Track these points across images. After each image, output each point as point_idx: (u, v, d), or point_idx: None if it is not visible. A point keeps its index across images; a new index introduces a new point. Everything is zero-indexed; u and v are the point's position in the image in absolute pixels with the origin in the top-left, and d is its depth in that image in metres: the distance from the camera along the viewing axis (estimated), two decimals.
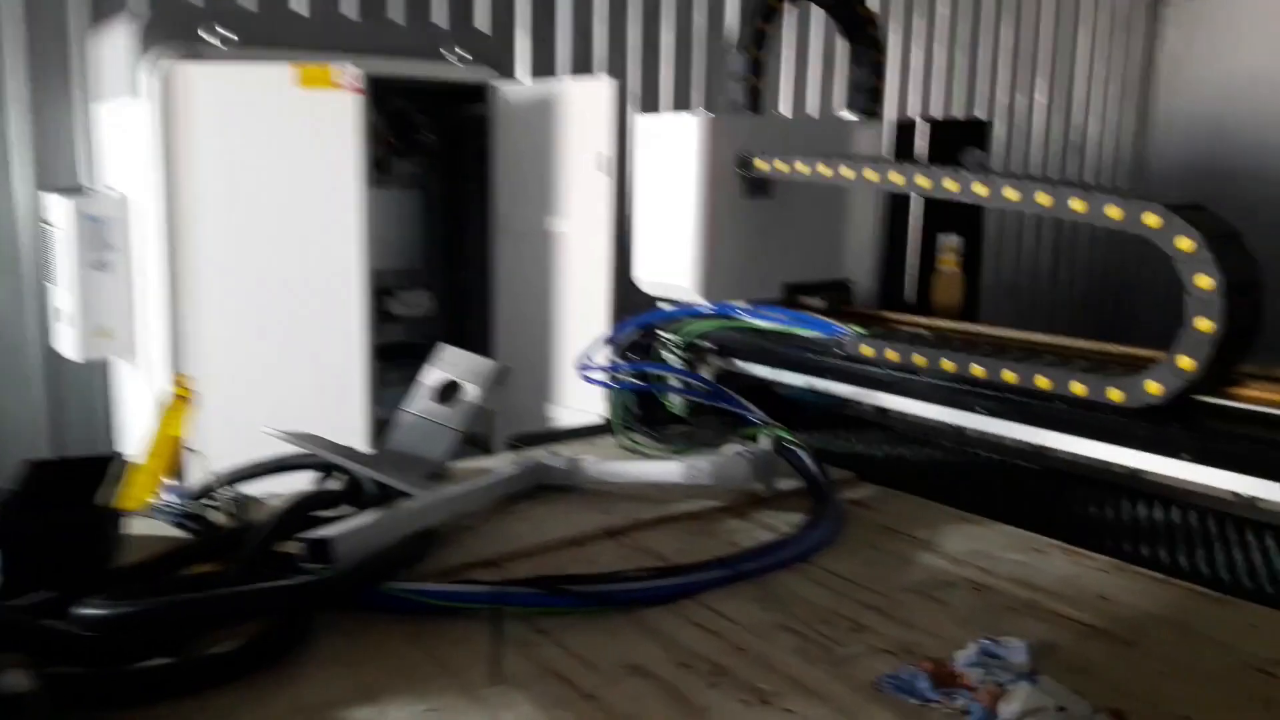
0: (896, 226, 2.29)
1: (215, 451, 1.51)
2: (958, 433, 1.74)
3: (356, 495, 1.61)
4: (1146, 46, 6.48)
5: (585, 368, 2.07)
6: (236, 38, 2.48)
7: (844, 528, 1.59)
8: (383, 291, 3.17)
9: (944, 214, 2.28)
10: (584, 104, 2.67)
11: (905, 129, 2.22)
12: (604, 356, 2.12)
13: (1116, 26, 6.34)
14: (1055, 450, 1.57)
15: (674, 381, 2.02)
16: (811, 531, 1.52)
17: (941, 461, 1.84)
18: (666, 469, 1.73)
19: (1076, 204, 1.48)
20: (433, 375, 1.85)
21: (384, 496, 1.58)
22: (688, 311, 2.22)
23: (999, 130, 5.81)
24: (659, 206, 2.12)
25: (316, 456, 1.68)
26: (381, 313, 3.19)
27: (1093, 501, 1.58)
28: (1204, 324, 1.33)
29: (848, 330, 1.95)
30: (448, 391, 1.87)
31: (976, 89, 5.73)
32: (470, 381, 1.86)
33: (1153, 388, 1.40)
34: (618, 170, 2.58)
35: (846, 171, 1.85)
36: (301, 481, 1.62)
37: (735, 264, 2.13)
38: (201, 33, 2.47)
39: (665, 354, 2.14)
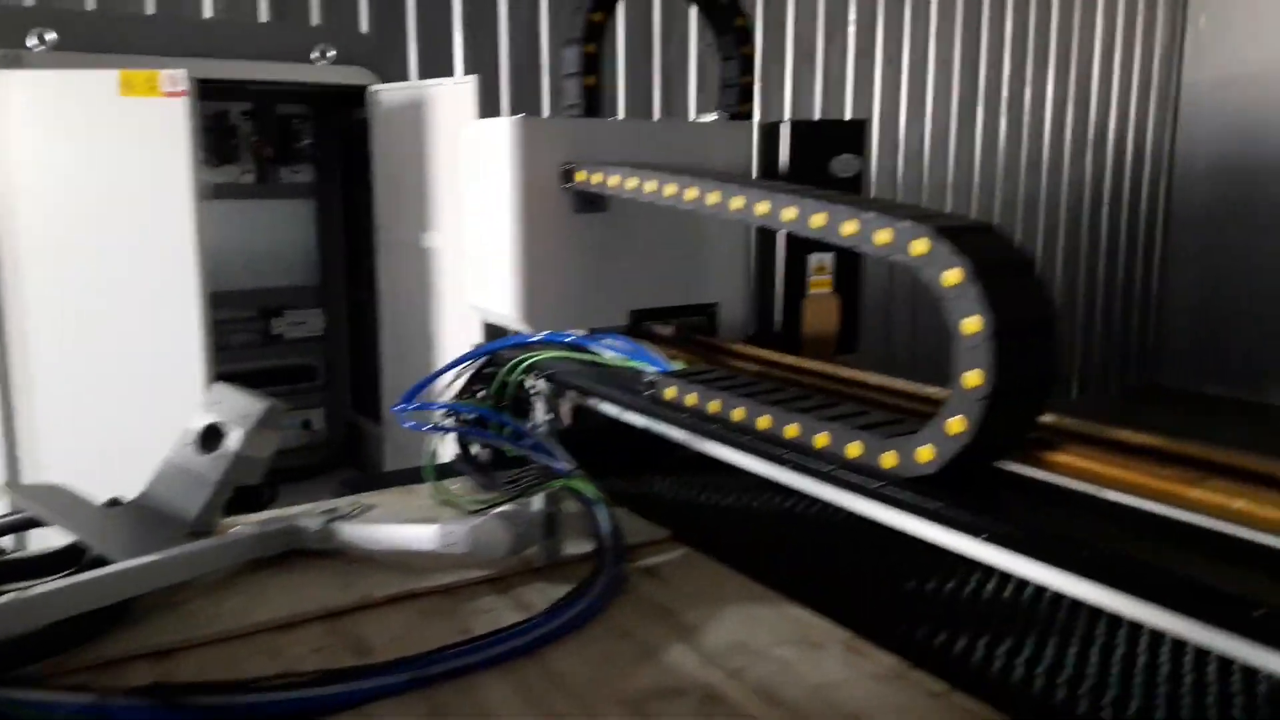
0: (767, 245, 2.06)
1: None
2: (775, 489, 1.52)
3: (76, 559, 1.45)
4: (1172, 34, 6.08)
5: (402, 409, 1.88)
6: (63, 41, 2.34)
7: (605, 607, 1.38)
8: (269, 312, 3.03)
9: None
10: (449, 108, 2.48)
11: (771, 132, 1.99)
12: (441, 394, 1.94)
13: (1139, 11, 5.95)
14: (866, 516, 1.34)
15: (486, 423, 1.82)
16: (550, 618, 1.31)
17: (758, 522, 1.61)
18: (420, 535, 1.53)
19: (847, 227, 1.25)
20: (196, 418, 1.68)
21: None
22: (521, 340, 2.02)
23: (1001, 125, 5.49)
24: (482, 222, 1.93)
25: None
26: (267, 335, 3.05)
27: (903, 578, 1.34)
28: (971, 377, 1.09)
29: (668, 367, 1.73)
30: (209, 437, 1.70)
31: (980, 80, 5.41)
32: (236, 425, 1.69)
33: (924, 454, 1.16)
34: None
35: (643, 184, 1.63)
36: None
37: (565, 288, 1.92)
38: (30, 38, 2.34)
39: (496, 390, 1.94)
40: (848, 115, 5.01)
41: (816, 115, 4.92)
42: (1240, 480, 1.09)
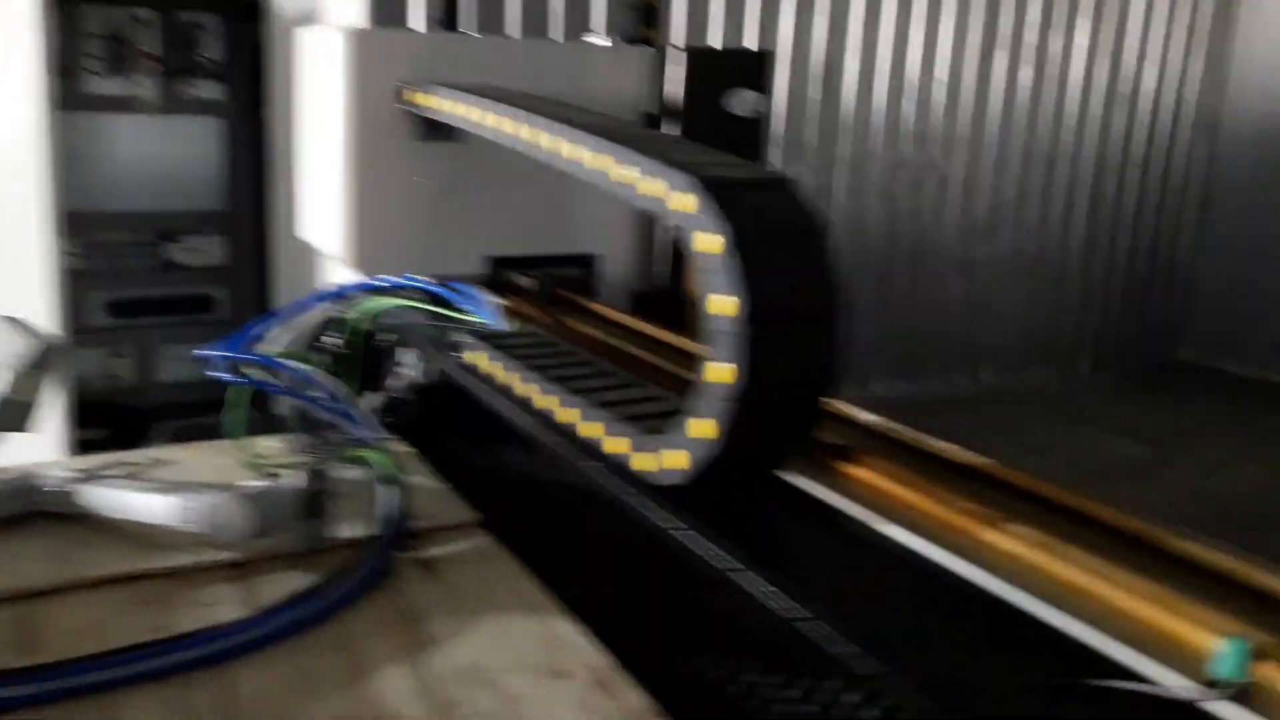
0: None
1: None
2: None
3: None
4: None
5: (204, 356, 1.67)
6: None
7: (340, 610, 1.19)
8: (164, 237, 2.83)
9: None
10: (339, 18, 2.23)
11: (663, 61, 1.73)
12: (276, 339, 1.72)
13: None
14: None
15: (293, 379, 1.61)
16: (252, 624, 1.11)
17: (563, 512, 1.39)
18: (159, 506, 1.33)
19: (620, 173, 1.00)
20: None
21: None
22: (365, 286, 1.80)
23: (1023, 77, 5.10)
24: (314, 146, 1.69)
25: None
26: (164, 261, 2.85)
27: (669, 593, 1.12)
28: (719, 371, 0.85)
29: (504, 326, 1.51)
30: None
31: (1001, 24, 5.02)
32: (3, 366, 1.49)
33: (675, 459, 0.92)
34: None
35: (464, 109, 1.38)
36: None
37: (406, 227, 1.69)
38: None
39: (326, 339, 1.73)
40: (853, 59, 4.67)
41: (818, 57, 4.59)
42: (1059, 521, 0.85)
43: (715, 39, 4.31)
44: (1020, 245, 5.43)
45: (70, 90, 2.60)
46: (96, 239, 2.72)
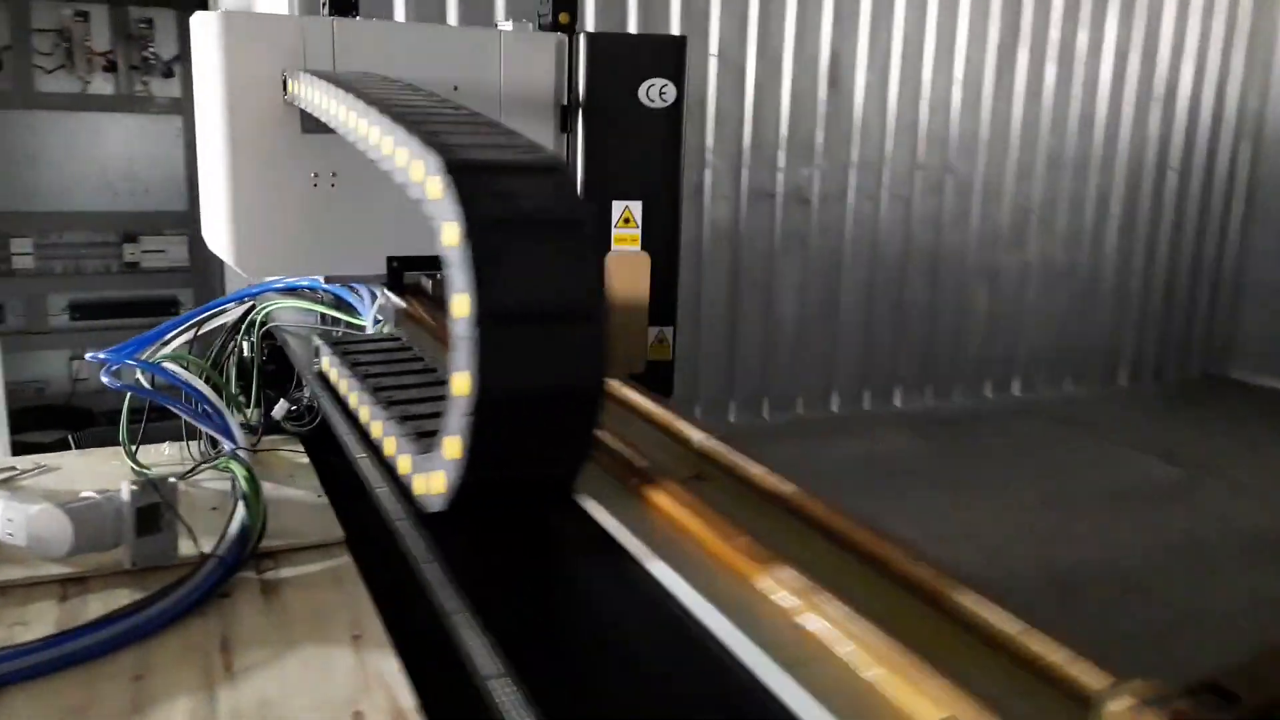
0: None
1: None
2: None
3: None
4: None
5: (95, 359, 1.60)
6: None
7: (145, 636, 1.11)
8: (126, 238, 2.79)
9: (620, 169, 1.67)
10: (263, 4, 2.16)
11: (572, 49, 1.62)
12: (178, 343, 1.65)
13: None
14: None
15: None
16: (28, 651, 1.02)
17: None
18: None
19: (388, 147, 0.89)
20: None
21: None
22: (271, 288, 1.73)
23: (1048, 76, 4.90)
24: (205, 141, 1.61)
25: None
26: (124, 263, 2.81)
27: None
28: (459, 381, 0.74)
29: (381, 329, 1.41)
30: None
31: (1023, 20, 4.82)
32: None
33: (436, 482, 0.81)
34: None
35: (320, 99, 1.28)
36: None
37: (293, 226, 1.60)
38: None
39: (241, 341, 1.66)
40: (863, 56, 4.51)
41: (824, 54, 4.44)
42: (841, 562, 0.73)
43: (713, 35, 4.19)
44: (1049, 253, 5.21)
45: (23, 88, 2.56)
46: (55, 239, 2.69)
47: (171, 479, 1.26)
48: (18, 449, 2.47)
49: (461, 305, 0.73)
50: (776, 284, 4.60)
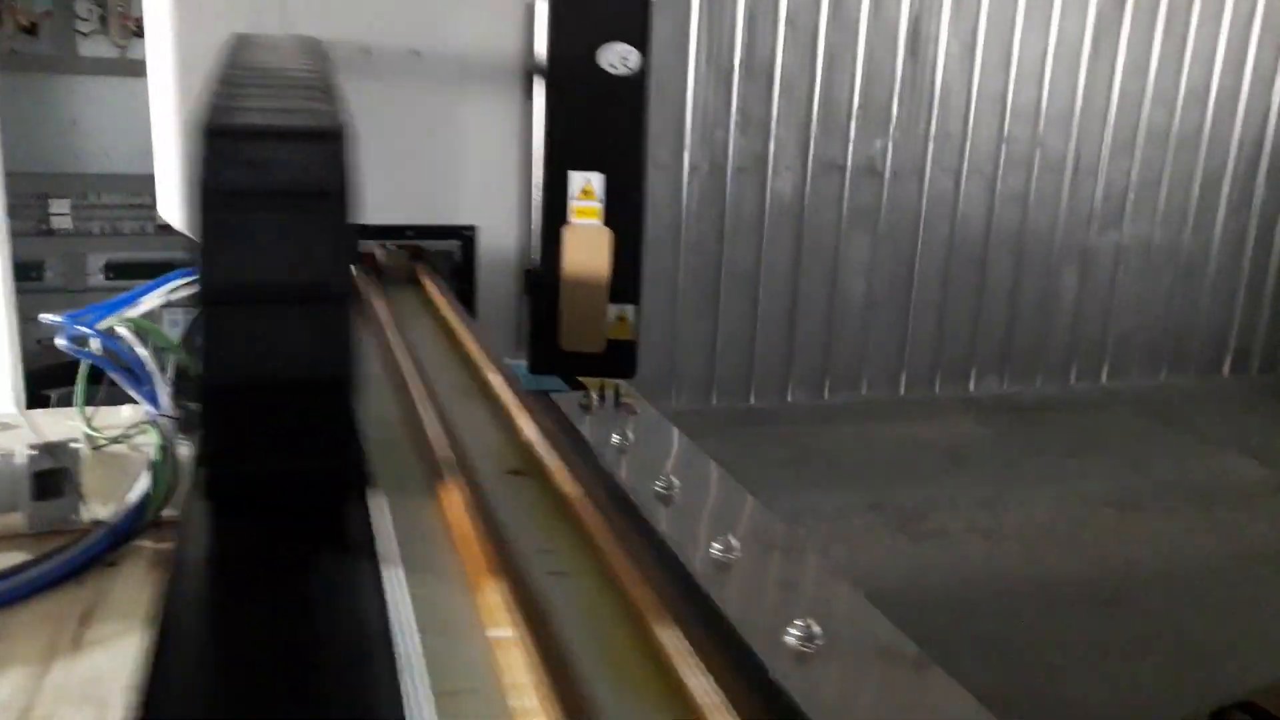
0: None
1: None
2: None
3: None
4: None
5: (51, 321, 1.64)
6: None
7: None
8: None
9: (579, 139, 1.60)
10: None
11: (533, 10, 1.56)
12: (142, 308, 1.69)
13: None
14: None
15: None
16: None
17: None
18: None
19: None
20: None
21: None
22: None
23: (1155, 41, 4.57)
24: (157, 106, 1.62)
25: None
26: (159, 225, 2.89)
27: None
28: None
29: None
30: None
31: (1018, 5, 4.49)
32: None
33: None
34: None
35: None
36: None
37: None
38: None
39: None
40: (946, 22, 4.29)
41: (904, 20, 4.24)
42: (598, 591, 0.67)
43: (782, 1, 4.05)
44: (1148, 235, 4.90)
45: (66, 53, 2.65)
46: (94, 201, 2.78)
47: (74, 444, 1.26)
48: (47, 403, 2.57)
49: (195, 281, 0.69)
50: (843, 261, 4.46)
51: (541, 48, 1.57)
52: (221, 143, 0.71)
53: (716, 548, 1.26)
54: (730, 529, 1.28)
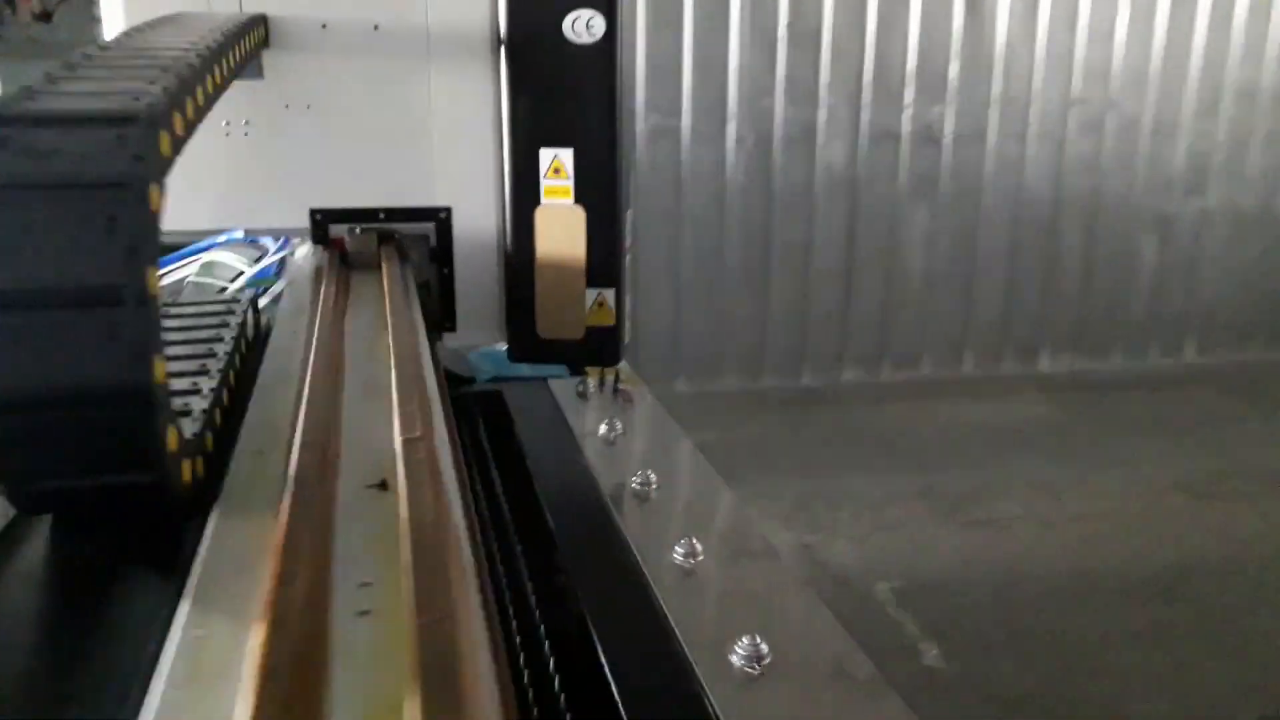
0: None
1: None
2: None
3: None
4: None
5: None
6: None
7: None
8: None
9: (546, 114, 1.51)
10: None
11: None
12: None
13: None
14: None
15: None
16: None
17: None
18: None
19: None
20: None
21: None
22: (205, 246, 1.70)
23: (1136, 36, 4.25)
24: None
25: None
26: None
27: None
28: None
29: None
30: None
31: None
32: None
33: None
34: None
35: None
36: None
37: (208, 175, 1.55)
38: None
39: None
40: None
41: None
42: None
43: None
44: (1236, 199, 4.59)
45: (88, 37, 2.65)
46: None
47: None
48: None
49: None
50: (901, 233, 4.28)
51: (503, 16, 1.48)
52: (3, 131, 0.64)
53: (679, 552, 1.18)
54: (699, 531, 1.19)
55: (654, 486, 1.32)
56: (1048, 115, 4.25)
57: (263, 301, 1.46)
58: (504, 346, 1.69)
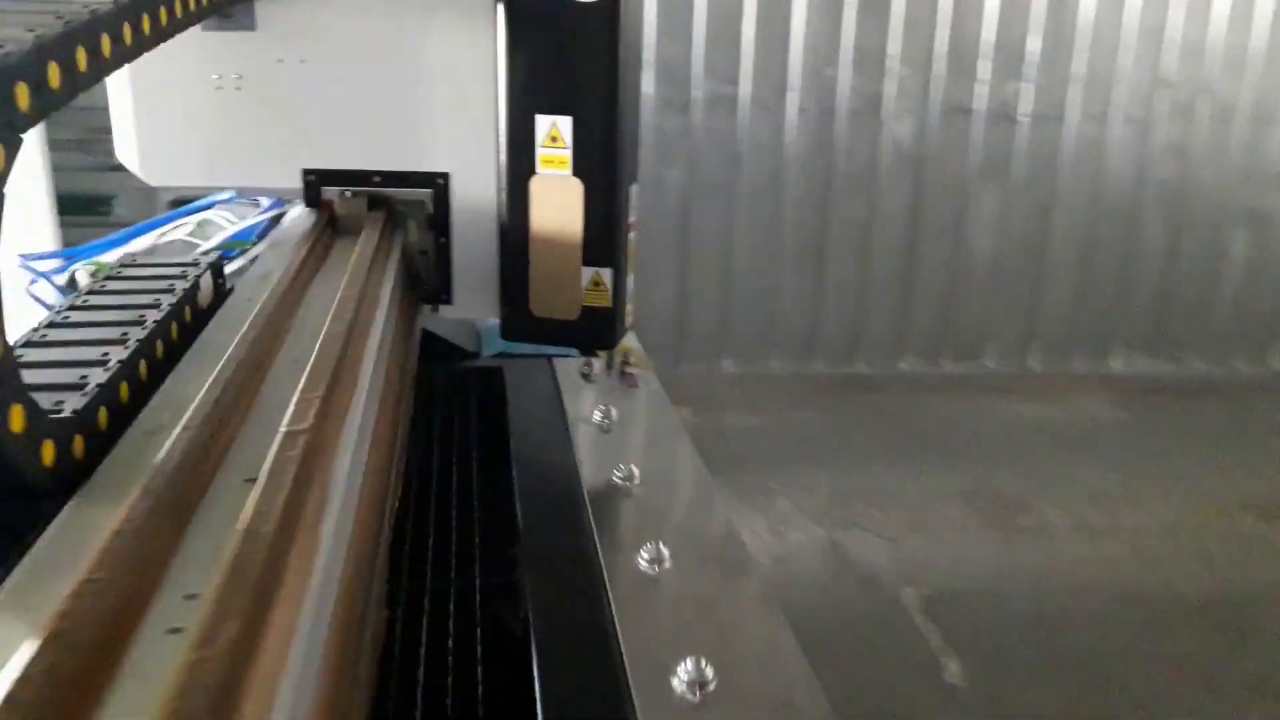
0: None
1: None
2: None
3: None
4: None
5: (22, 264, 1.62)
6: None
7: None
8: None
9: (544, 77, 1.42)
10: None
11: None
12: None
13: None
14: None
15: None
16: None
17: None
18: None
19: None
20: None
21: None
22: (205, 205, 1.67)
23: (1235, 10, 3.98)
24: None
25: None
26: None
27: None
28: None
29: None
30: None
31: None
32: None
33: None
34: None
35: None
36: None
37: (195, 131, 1.52)
38: None
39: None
40: None
41: None
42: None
43: None
44: None
45: None
46: None
47: None
48: None
49: None
50: (969, 215, 4.12)
51: None
52: None
53: (644, 557, 1.11)
54: (672, 534, 1.12)
55: (636, 481, 1.25)
56: (1134, 96, 4.04)
57: (235, 265, 1.42)
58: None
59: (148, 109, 1.50)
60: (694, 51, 3.79)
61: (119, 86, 1.52)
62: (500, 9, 1.42)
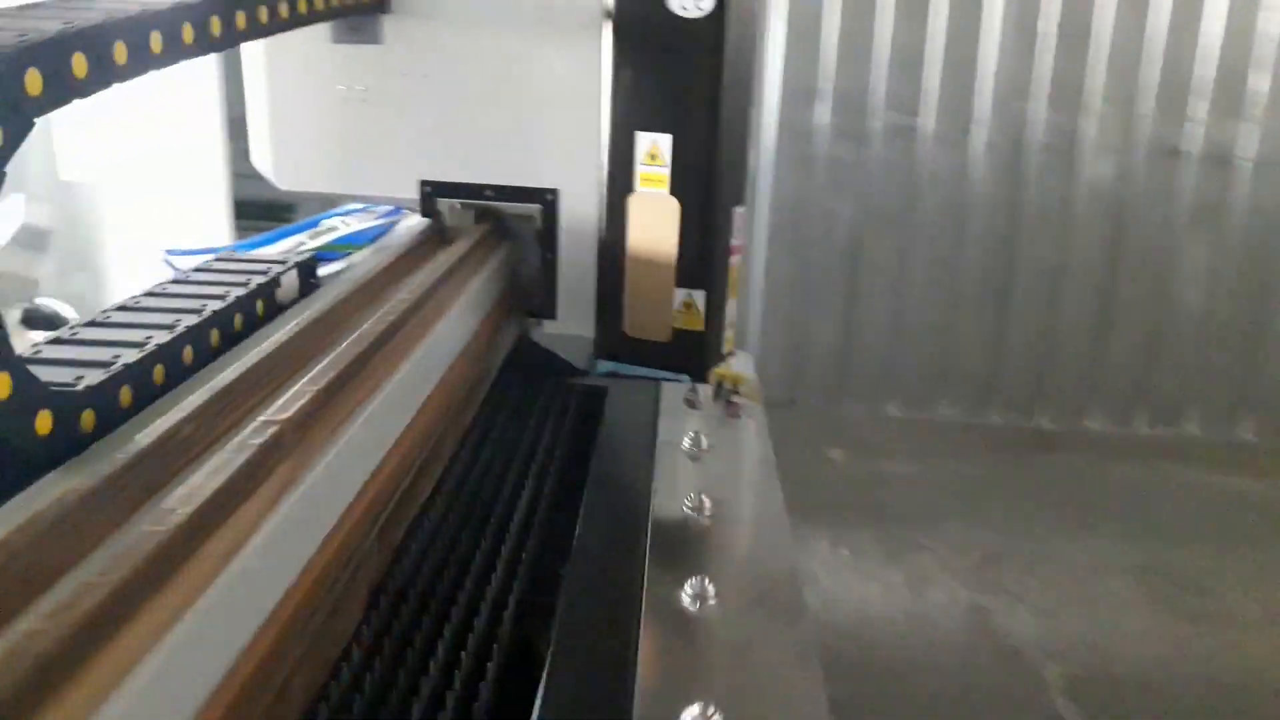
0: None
1: None
2: None
3: None
4: None
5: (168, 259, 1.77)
6: None
7: None
8: None
9: (646, 95, 1.41)
10: None
11: None
12: None
13: None
14: None
15: None
16: None
17: None
18: None
19: None
20: None
21: None
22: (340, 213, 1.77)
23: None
24: (246, 50, 1.67)
25: None
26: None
27: None
28: None
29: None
30: None
31: None
32: None
33: None
34: None
35: None
36: None
37: (322, 139, 1.61)
38: None
39: None
40: None
41: None
42: None
43: None
44: None
45: None
46: None
47: None
48: None
49: None
50: (1176, 266, 3.83)
51: None
52: None
53: (688, 592, 1.09)
54: (725, 572, 1.09)
55: (706, 513, 1.23)
56: None
57: (335, 266, 1.49)
58: None
59: (281, 117, 1.61)
60: (878, 81, 3.72)
61: (255, 94, 1.63)
62: (611, 25, 1.44)
